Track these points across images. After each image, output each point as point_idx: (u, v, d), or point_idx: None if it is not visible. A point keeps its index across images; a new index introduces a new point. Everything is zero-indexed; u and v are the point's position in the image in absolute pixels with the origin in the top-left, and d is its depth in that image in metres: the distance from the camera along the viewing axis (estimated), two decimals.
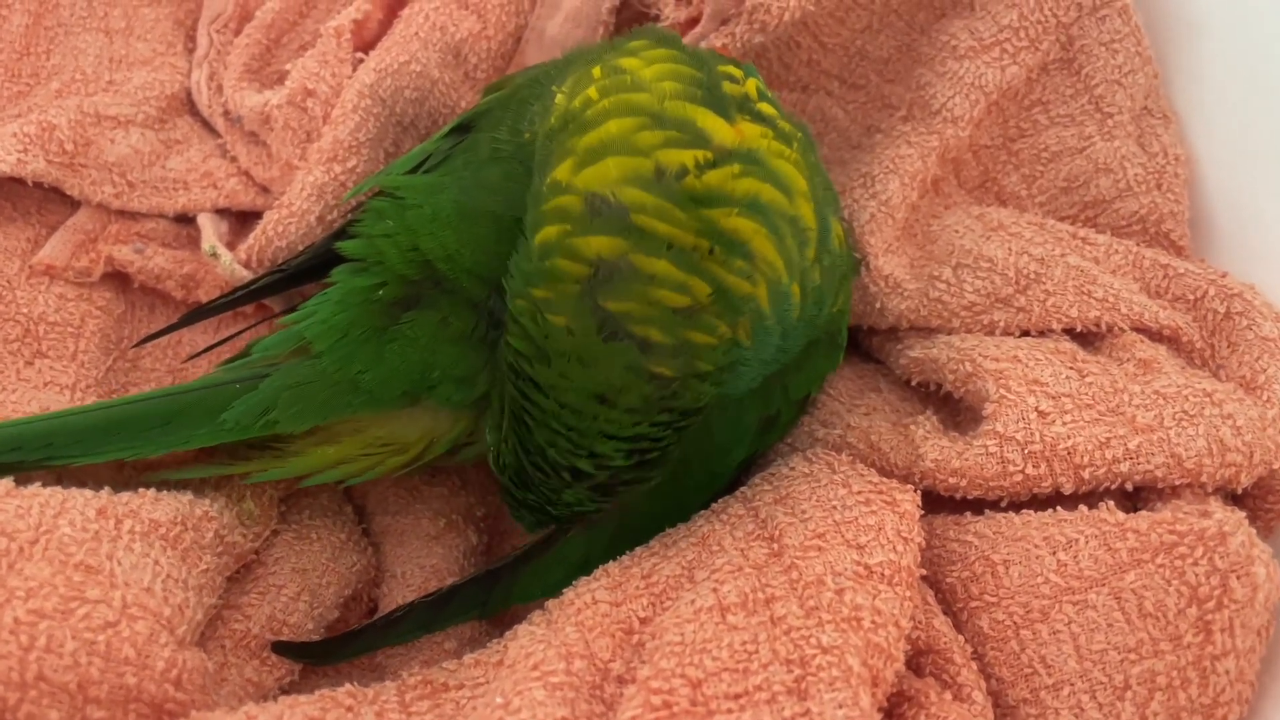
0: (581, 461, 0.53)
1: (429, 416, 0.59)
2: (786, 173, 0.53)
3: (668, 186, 0.49)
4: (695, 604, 0.50)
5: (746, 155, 0.52)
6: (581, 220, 0.50)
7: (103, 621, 0.47)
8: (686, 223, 0.49)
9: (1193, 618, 0.50)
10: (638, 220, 0.49)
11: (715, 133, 0.52)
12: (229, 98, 0.77)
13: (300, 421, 0.56)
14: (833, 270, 0.57)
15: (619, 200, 0.49)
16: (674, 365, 0.50)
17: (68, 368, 0.69)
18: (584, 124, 0.52)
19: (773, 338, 0.54)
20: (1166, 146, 0.71)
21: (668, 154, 0.50)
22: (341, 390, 0.57)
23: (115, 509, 0.52)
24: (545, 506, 0.57)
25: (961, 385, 0.62)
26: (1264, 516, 0.58)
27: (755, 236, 0.51)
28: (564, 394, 0.51)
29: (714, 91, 0.54)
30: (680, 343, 0.50)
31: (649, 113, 0.52)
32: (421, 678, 0.52)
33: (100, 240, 0.73)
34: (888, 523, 0.53)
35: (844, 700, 0.45)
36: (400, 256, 0.58)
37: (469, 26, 0.74)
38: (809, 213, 0.54)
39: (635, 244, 0.49)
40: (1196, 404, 0.56)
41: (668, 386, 0.50)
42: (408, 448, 0.59)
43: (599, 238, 0.49)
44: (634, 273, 0.49)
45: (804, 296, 0.54)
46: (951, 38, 0.72)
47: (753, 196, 0.51)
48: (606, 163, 0.50)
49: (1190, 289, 0.65)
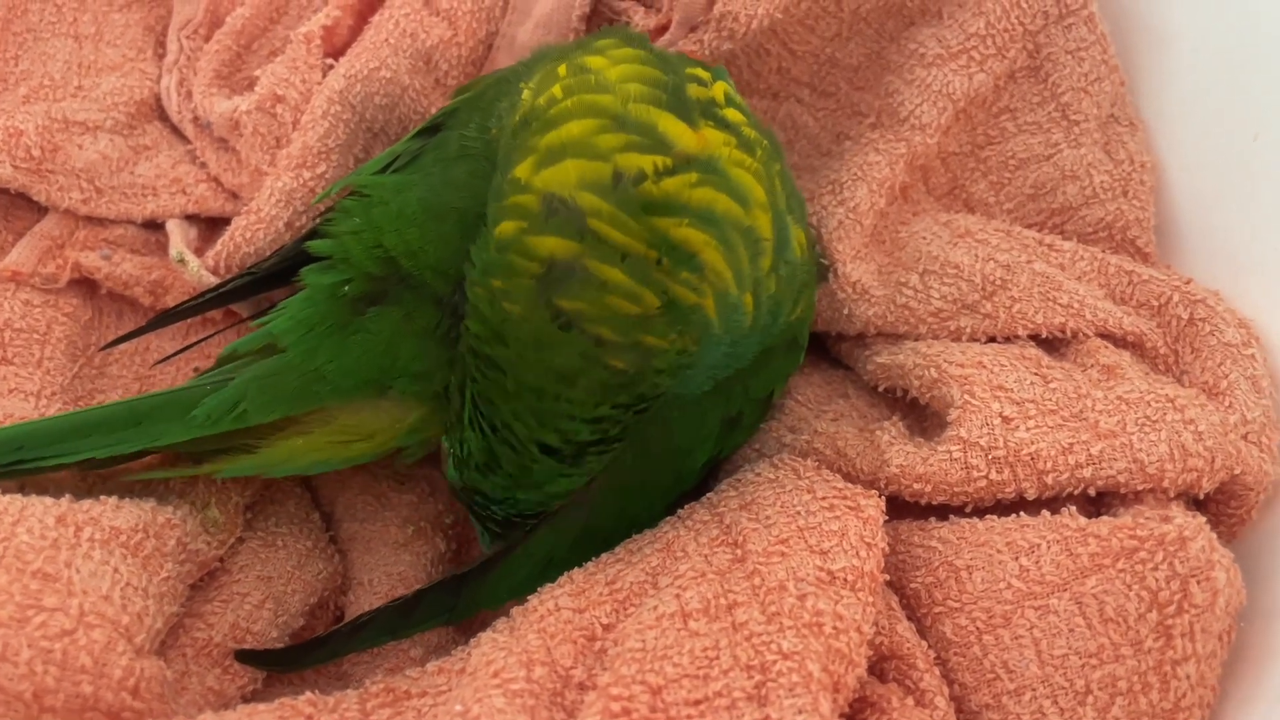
0: (549, 435, 0.54)
1: (396, 407, 0.59)
2: (745, 182, 0.53)
3: (623, 192, 0.50)
4: (657, 610, 0.50)
5: (705, 164, 0.52)
6: (537, 220, 0.50)
7: (59, 630, 0.47)
8: (638, 231, 0.50)
9: (1153, 622, 0.50)
10: (593, 224, 0.50)
11: (677, 139, 0.52)
12: (198, 104, 0.76)
13: (269, 411, 0.56)
14: (791, 280, 0.58)
15: (575, 204, 0.50)
16: (628, 361, 0.51)
17: (33, 374, 0.68)
18: (546, 122, 0.53)
19: (721, 346, 0.55)
20: (1133, 154, 0.72)
21: (627, 158, 0.51)
22: (308, 381, 0.57)
23: (75, 516, 0.52)
24: (512, 491, 0.57)
25: (927, 391, 0.62)
26: (1227, 521, 0.59)
27: (705, 248, 0.51)
28: (523, 373, 0.52)
29: (679, 95, 0.55)
30: (634, 343, 0.51)
31: (611, 115, 0.52)
32: (384, 685, 0.52)
33: (67, 246, 0.73)
34: (851, 528, 0.53)
35: (804, 706, 0.45)
36: (365, 253, 0.58)
37: (439, 33, 0.74)
38: (765, 223, 0.54)
39: (589, 249, 0.50)
40: (1159, 409, 0.57)
41: (623, 376, 0.52)
42: (375, 435, 0.59)
43: (553, 238, 0.50)
44: (587, 277, 0.50)
45: (757, 306, 0.55)
46: (920, 45, 0.72)
47: (707, 207, 0.51)
48: (565, 164, 0.51)
49: (1154, 295, 0.65)
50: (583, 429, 0.54)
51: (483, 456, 0.57)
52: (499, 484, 0.57)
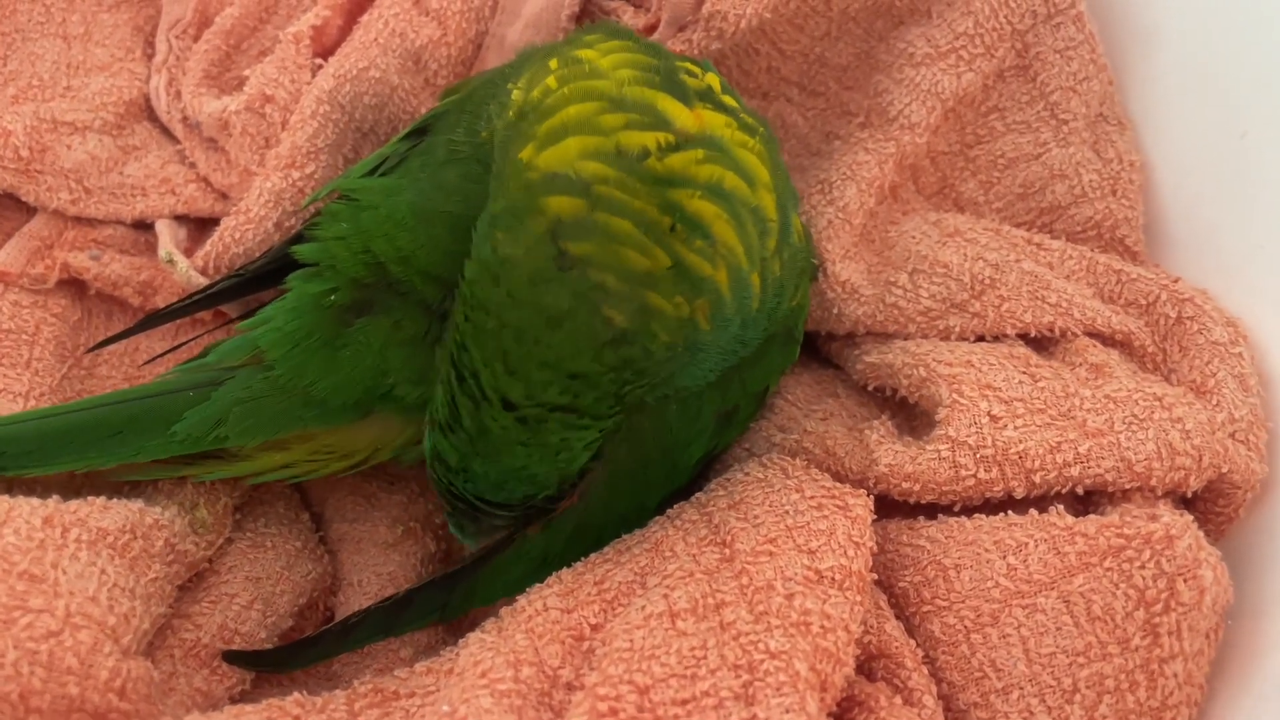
0: (514, 388, 0.50)
1: (379, 425, 0.58)
2: (749, 162, 0.52)
3: (629, 164, 0.49)
4: (645, 610, 0.50)
5: (709, 141, 0.51)
6: (543, 188, 0.49)
7: (45, 631, 0.47)
8: (649, 197, 0.48)
9: (1140, 621, 0.50)
10: (599, 190, 0.48)
11: (676, 117, 0.51)
12: (188, 104, 0.76)
13: (251, 437, 0.56)
14: (793, 264, 0.57)
15: (579, 175, 0.49)
16: (627, 315, 0.48)
17: (21, 375, 0.68)
18: (544, 111, 0.52)
19: (732, 327, 0.53)
20: (1121, 153, 0.72)
21: (629, 135, 0.50)
22: (294, 404, 0.56)
23: (62, 518, 0.52)
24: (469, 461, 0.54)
25: (916, 390, 0.62)
26: (1215, 520, 0.59)
27: (717, 221, 0.50)
28: (507, 312, 0.49)
29: (672, 78, 0.54)
30: (637, 298, 0.48)
31: (609, 97, 0.51)
32: (372, 686, 0.52)
33: (56, 247, 0.73)
34: (839, 528, 0.53)
35: (790, 705, 0.45)
36: (352, 259, 0.57)
37: (429, 33, 0.74)
38: (770, 204, 0.53)
39: (598, 204, 0.48)
40: (1146, 408, 0.57)
41: (615, 332, 0.48)
42: (354, 454, 0.59)
43: (561, 197, 0.48)
44: (597, 226, 0.48)
45: (764, 288, 0.54)
46: (909, 45, 0.72)
47: (716, 182, 0.50)
48: (567, 142, 0.50)
49: (1143, 294, 0.65)
50: (553, 386, 0.49)
51: (445, 411, 0.53)
52: (457, 447, 0.53)
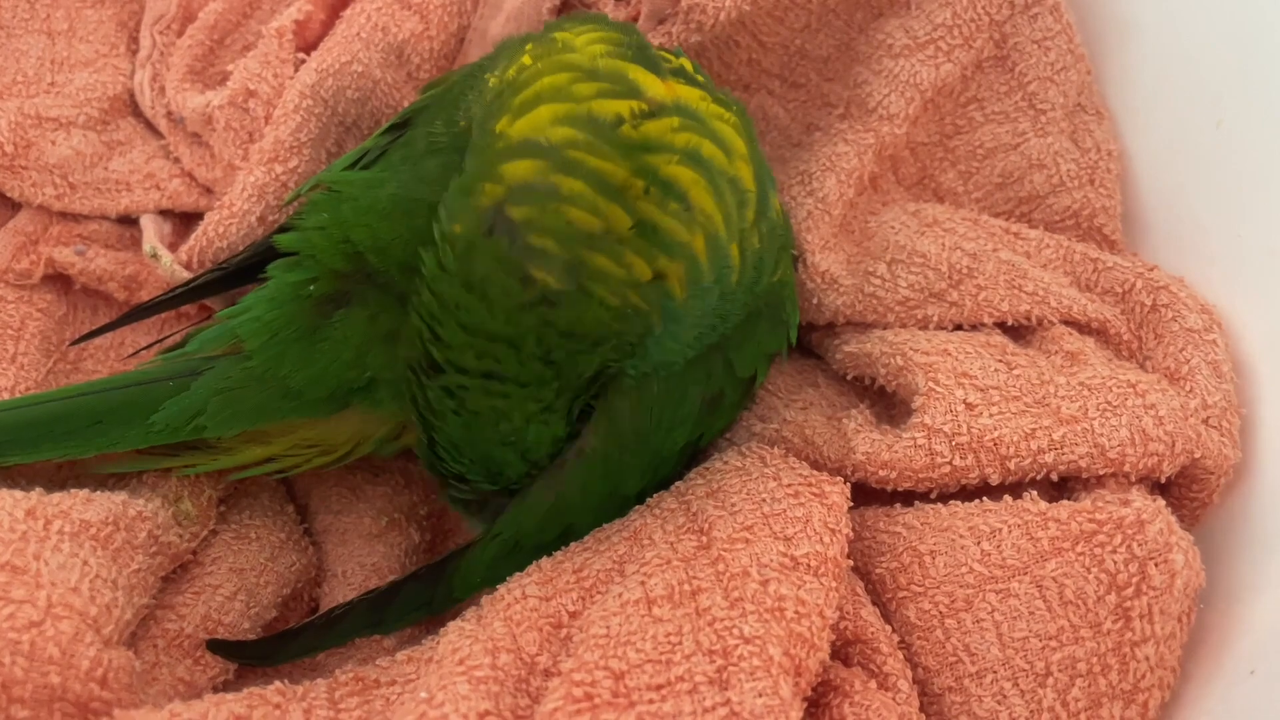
0: (436, 349, 0.51)
1: (359, 419, 0.59)
2: (725, 133, 0.53)
3: (602, 130, 0.49)
4: (622, 597, 0.50)
5: (684, 110, 0.51)
6: (510, 154, 0.49)
7: (27, 621, 0.47)
8: (621, 160, 0.49)
9: (1111, 605, 0.51)
10: (570, 154, 0.48)
11: (649, 87, 0.52)
12: (171, 99, 0.77)
13: (229, 427, 0.56)
14: (772, 238, 0.57)
15: (550, 141, 0.49)
16: (558, 276, 0.48)
17: (7, 370, 0.68)
18: (519, 85, 0.52)
19: (710, 297, 0.53)
20: (1099, 142, 0.72)
21: (602, 104, 0.50)
22: (272, 395, 0.57)
23: (45, 510, 0.52)
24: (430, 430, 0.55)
25: (894, 379, 0.62)
26: (1189, 505, 0.59)
27: (694, 186, 0.50)
28: (436, 282, 0.50)
29: (644, 52, 0.54)
30: (574, 259, 0.48)
31: (582, 69, 0.52)
32: (353, 674, 0.53)
33: (41, 242, 0.73)
34: (815, 515, 0.54)
35: (764, 689, 0.45)
36: (331, 249, 0.58)
37: (411, 27, 0.75)
38: (748, 175, 0.53)
39: (560, 167, 0.48)
40: (1120, 395, 0.57)
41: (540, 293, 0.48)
42: (335, 449, 0.59)
43: (523, 162, 0.48)
44: (548, 188, 0.48)
45: (743, 260, 0.54)
46: (888, 36, 0.73)
47: (693, 148, 0.50)
48: (539, 110, 0.50)
49: (1119, 282, 0.66)
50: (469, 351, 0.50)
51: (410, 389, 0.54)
52: (419, 422, 0.55)
